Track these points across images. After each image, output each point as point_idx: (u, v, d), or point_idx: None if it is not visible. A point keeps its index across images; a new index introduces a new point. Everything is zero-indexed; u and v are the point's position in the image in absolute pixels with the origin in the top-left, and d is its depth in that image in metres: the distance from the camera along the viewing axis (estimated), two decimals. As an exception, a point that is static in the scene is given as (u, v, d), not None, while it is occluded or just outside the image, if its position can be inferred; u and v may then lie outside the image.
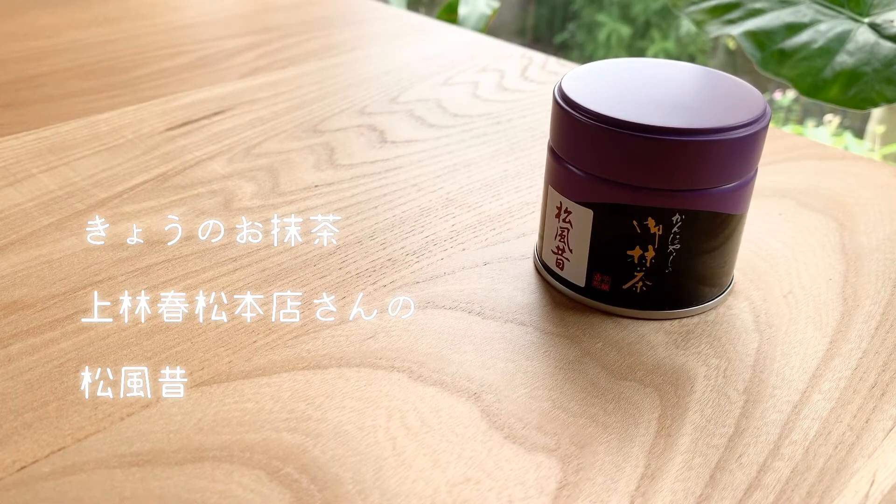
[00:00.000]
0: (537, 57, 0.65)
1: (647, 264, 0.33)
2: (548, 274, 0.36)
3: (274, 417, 0.28)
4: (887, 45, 0.66)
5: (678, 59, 2.38)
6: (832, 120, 2.26)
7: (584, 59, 2.82)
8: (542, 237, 0.36)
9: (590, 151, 0.32)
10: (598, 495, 0.26)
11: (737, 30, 0.71)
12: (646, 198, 0.31)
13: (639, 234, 0.32)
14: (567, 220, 0.34)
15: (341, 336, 0.32)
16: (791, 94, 2.36)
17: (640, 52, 2.76)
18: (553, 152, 0.34)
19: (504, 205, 0.42)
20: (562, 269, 0.35)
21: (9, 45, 0.63)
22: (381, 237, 0.39)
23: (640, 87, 0.33)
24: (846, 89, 0.66)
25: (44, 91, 0.55)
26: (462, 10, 1.18)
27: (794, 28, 0.69)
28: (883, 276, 0.38)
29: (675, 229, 0.32)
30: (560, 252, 0.35)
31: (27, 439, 0.27)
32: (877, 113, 2.09)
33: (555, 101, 0.33)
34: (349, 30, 0.70)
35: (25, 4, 0.73)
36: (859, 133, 2.17)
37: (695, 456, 0.27)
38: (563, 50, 2.90)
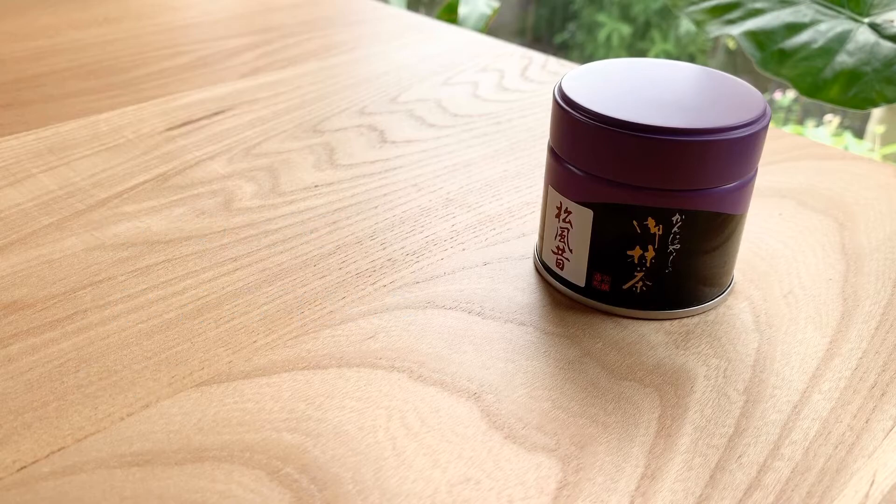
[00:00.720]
0: (537, 57, 0.65)
1: (647, 264, 0.33)
2: (548, 274, 0.36)
3: (274, 417, 0.28)
4: (887, 45, 0.66)
5: (678, 59, 2.38)
6: (832, 120, 2.26)
7: (584, 59, 2.82)
8: (542, 237, 0.36)
9: (589, 151, 0.32)
10: (598, 495, 0.26)
11: (737, 30, 0.71)
12: (646, 198, 0.31)
13: (639, 234, 0.32)
14: (567, 220, 0.34)
15: (341, 336, 0.32)
16: (791, 94, 2.36)
17: (640, 53, 2.76)
18: (553, 152, 0.34)
19: (504, 205, 0.42)
20: (562, 269, 0.35)
21: (9, 45, 0.63)
22: (381, 237, 0.39)
23: (639, 87, 0.33)
24: (846, 89, 0.66)
25: (44, 91, 0.55)
26: (462, 10, 1.18)
27: (794, 28, 0.69)
28: (883, 276, 0.38)
29: (675, 229, 0.32)
30: (560, 252, 0.35)
31: (27, 439, 0.27)
32: (877, 113, 2.09)
33: (555, 100, 0.33)
34: (349, 30, 0.70)
35: (25, 4, 0.73)
36: (859, 133, 2.17)
37: (695, 456, 0.27)
38: (563, 50, 2.90)
